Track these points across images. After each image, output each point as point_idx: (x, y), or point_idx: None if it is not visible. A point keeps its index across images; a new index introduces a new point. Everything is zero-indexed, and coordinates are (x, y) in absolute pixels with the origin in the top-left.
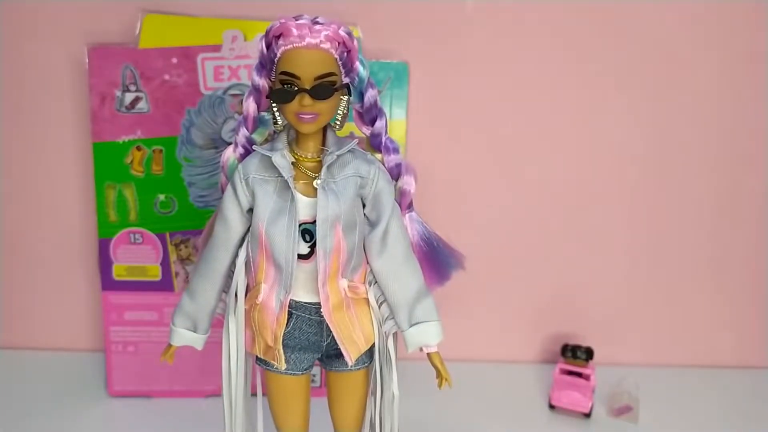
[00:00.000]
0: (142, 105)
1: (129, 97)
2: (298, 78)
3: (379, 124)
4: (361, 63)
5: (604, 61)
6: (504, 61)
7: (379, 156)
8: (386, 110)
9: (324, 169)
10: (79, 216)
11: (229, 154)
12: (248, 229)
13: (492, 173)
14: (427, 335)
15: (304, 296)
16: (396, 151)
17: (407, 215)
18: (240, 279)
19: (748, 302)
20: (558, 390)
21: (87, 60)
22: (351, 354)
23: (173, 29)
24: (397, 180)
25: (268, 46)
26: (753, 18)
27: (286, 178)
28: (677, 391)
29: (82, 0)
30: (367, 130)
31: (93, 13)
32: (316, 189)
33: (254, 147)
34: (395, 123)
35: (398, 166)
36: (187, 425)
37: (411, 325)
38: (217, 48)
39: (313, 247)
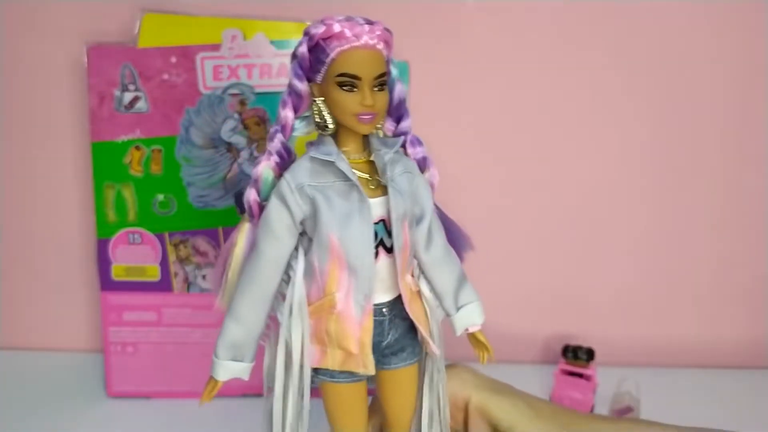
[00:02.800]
0: (141, 104)
1: (128, 97)
2: (359, 78)
3: (405, 123)
4: (392, 61)
5: (604, 60)
6: (504, 60)
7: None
8: None
9: (388, 167)
10: (77, 216)
11: (263, 167)
12: (297, 242)
13: (492, 172)
14: (473, 315)
15: (373, 298)
16: (421, 143)
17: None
18: (302, 292)
19: (748, 302)
20: (559, 391)
21: (86, 59)
22: (432, 343)
23: (172, 28)
24: (423, 173)
25: (312, 48)
26: (757, 17)
27: (353, 181)
28: (678, 392)
29: None
30: (392, 127)
31: (92, 13)
32: (372, 189)
33: (310, 153)
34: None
35: (425, 159)
36: (187, 426)
37: (458, 309)
38: (216, 47)
39: (377, 247)
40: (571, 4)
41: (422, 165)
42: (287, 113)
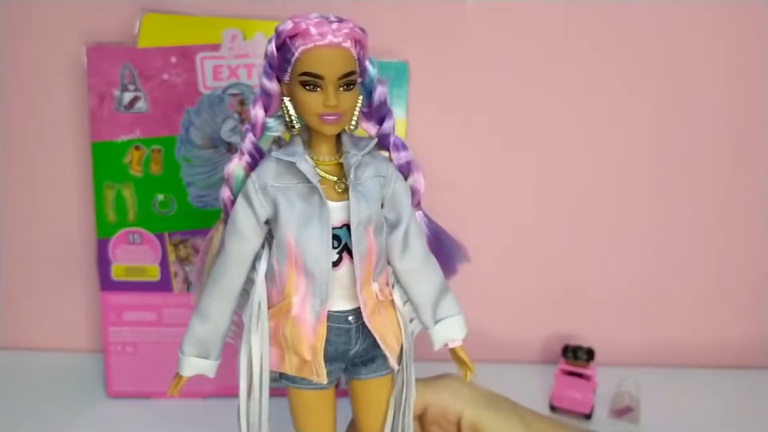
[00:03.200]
0: (140, 104)
1: (128, 97)
2: (321, 78)
3: (387, 123)
4: (370, 61)
5: (604, 59)
6: (504, 60)
7: (385, 154)
8: None
9: (352, 170)
10: (77, 216)
11: (235, 165)
12: (263, 243)
13: (492, 173)
14: (452, 330)
15: (333, 305)
16: (405, 147)
17: (416, 212)
18: (263, 294)
19: (748, 302)
20: (559, 391)
21: (86, 59)
22: (392, 357)
23: (172, 28)
24: (406, 178)
25: (280, 47)
26: (757, 17)
27: (314, 183)
28: (678, 392)
29: None
30: (374, 129)
31: (92, 13)
32: (339, 192)
33: (273, 153)
34: (395, 122)
35: (408, 163)
36: (187, 426)
37: (436, 322)
38: (216, 47)
39: (340, 252)
40: (572, 4)
41: (405, 170)
42: (257, 112)
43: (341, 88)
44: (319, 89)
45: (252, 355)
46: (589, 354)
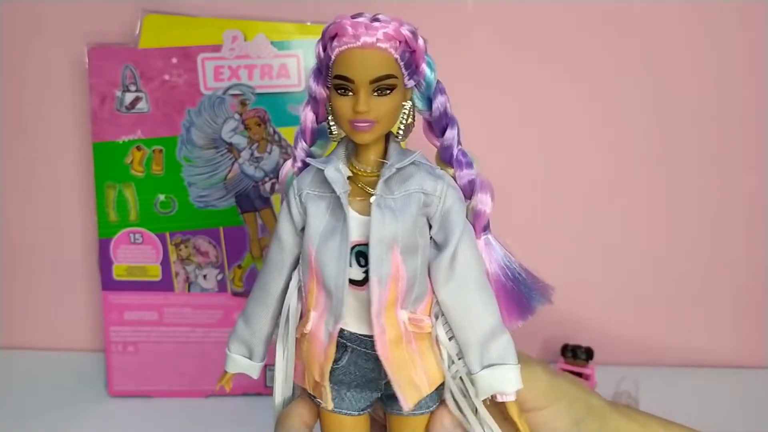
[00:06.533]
0: (142, 105)
1: (129, 97)
2: (352, 81)
3: (449, 133)
4: (429, 65)
5: (605, 59)
6: (504, 60)
7: (450, 171)
8: None
9: (381, 183)
10: (79, 216)
11: (288, 169)
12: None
13: (492, 173)
14: (502, 381)
15: (359, 327)
16: (469, 165)
17: (482, 238)
18: (292, 304)
19: (748, 302)
20: None
21: (87, 60)
22: (407, 398)
23: (173, 29)
24: (470, 198)
25: (324, 49)
26: (753, 16)
27: (338, 193)
28: (677, 391)
29: (82, 0)
30: (437, 141)
31: (93, 13)
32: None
33: (307, 159)
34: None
35: (471, 182)
36: (187, 425)
37: (483, 367)
38: (217, 48)
39: (368, 271)
40: (572, 5)
41: (467, 190)
42: (306, 114)
43: (375, 93)
44: (351, 93)
45: (276, 363)
46: (588, 353)
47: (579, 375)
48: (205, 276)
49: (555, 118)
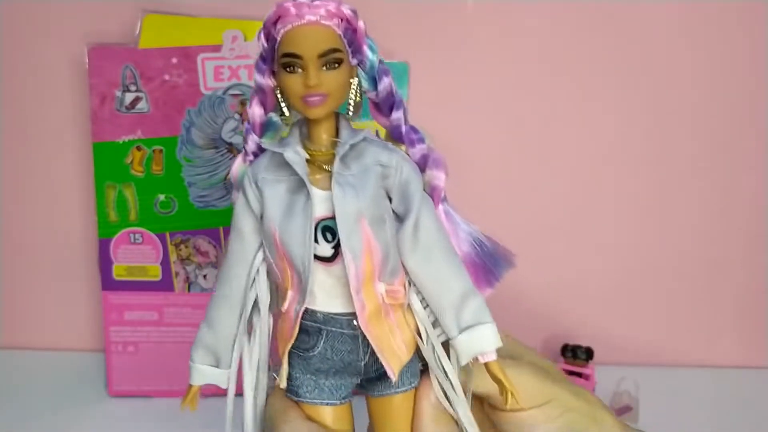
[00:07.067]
0: (142, 105)
1: (129, 97)
2: (299, 57)
3: (396, 113)
4: (370, 48)
5: (605, 59)
6: (504, 60)
7: (403, 148)
8: None
9: (337, 161)
10: (78, 216)
11: (238, 165)
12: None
13: (492, 172)
14: (481, 341)
15: (332, 306)
16: (420, 140)
17: (440, 208)
18: (263, 285)
19: (748, 302)
20: None
21: (87, 60)
22: (393, 367)
23: (173, 29)
24: (423, 172)
25: (267, 36)
26: (753, 16)
27: (299, 173)
28: (677, 391)
29: (82, 0)
30: (385, 121)
31: (93, 13)
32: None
33: (263, 144)
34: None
35: (424, 157)
36: (187, 425)
37: (461, 331)
38: (217, 48)
39: (337, 247)
40: (572, 5)
41: (420, 165)
42: (253, 110)
43: (324, 68)
44: (300, 70)
45: (242, 352)
46: (588, 353)
47: (579, 375)
48: (205, 276)
49: (555, 117)
